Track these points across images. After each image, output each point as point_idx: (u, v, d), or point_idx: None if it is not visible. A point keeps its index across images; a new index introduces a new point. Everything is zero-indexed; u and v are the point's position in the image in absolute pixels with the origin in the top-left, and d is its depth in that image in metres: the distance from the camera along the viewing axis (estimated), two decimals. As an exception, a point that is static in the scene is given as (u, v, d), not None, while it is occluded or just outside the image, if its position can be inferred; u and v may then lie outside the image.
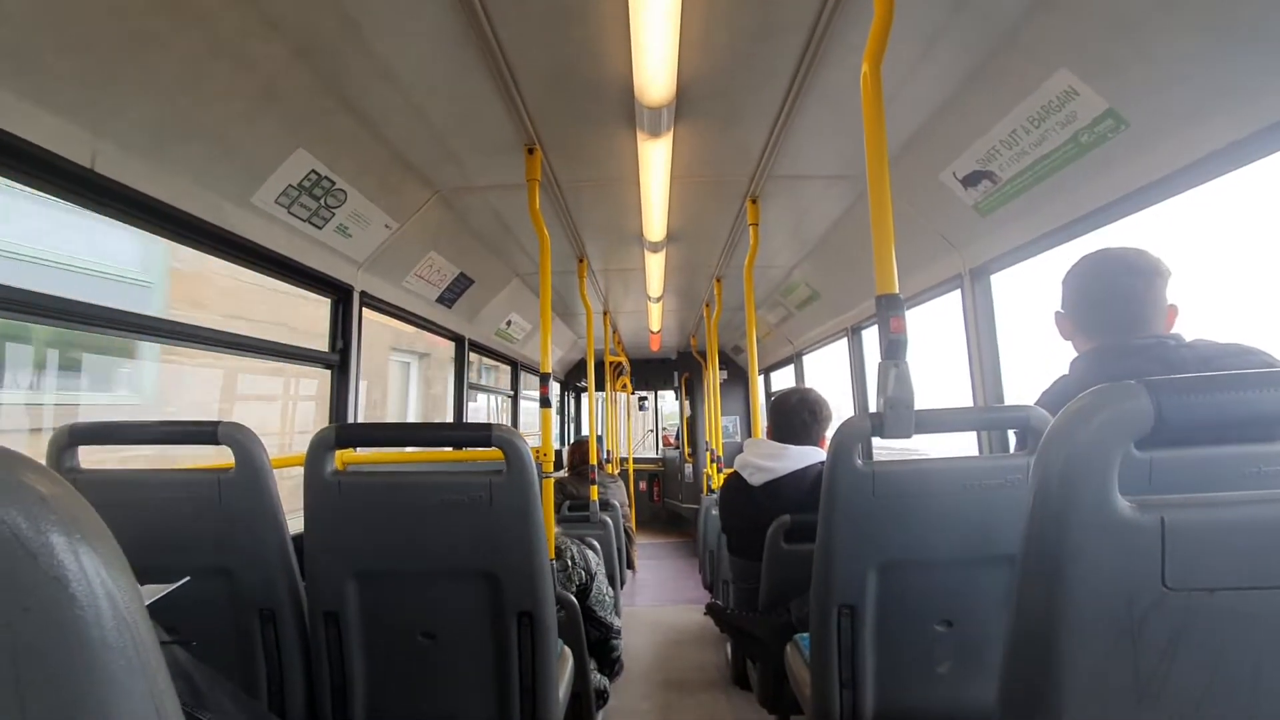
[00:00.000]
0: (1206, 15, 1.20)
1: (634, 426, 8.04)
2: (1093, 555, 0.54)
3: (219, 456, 1.42)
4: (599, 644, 2.26)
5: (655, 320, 5.47)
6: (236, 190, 1.79)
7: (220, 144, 1.64)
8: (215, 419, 1.29)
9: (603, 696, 2.26)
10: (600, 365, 6.10)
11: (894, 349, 1.18)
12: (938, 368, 2.68)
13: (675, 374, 7.91)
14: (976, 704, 1.21)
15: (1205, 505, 0.55)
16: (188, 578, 1.07)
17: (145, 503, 1.26)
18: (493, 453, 1.23)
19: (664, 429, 9.41)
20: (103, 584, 0.31)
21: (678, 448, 8.02)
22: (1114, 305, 1.21)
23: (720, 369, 5.50)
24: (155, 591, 1.01)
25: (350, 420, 2.46)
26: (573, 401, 8.25)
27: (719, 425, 4.80)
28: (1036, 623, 0.57)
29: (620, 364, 7.07)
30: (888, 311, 1.20)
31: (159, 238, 1.71)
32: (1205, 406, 0.53)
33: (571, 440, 6.32)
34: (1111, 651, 0.54)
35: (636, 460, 8.04)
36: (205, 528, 1.26)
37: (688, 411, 7.75)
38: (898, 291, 1.22)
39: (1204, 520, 0.54)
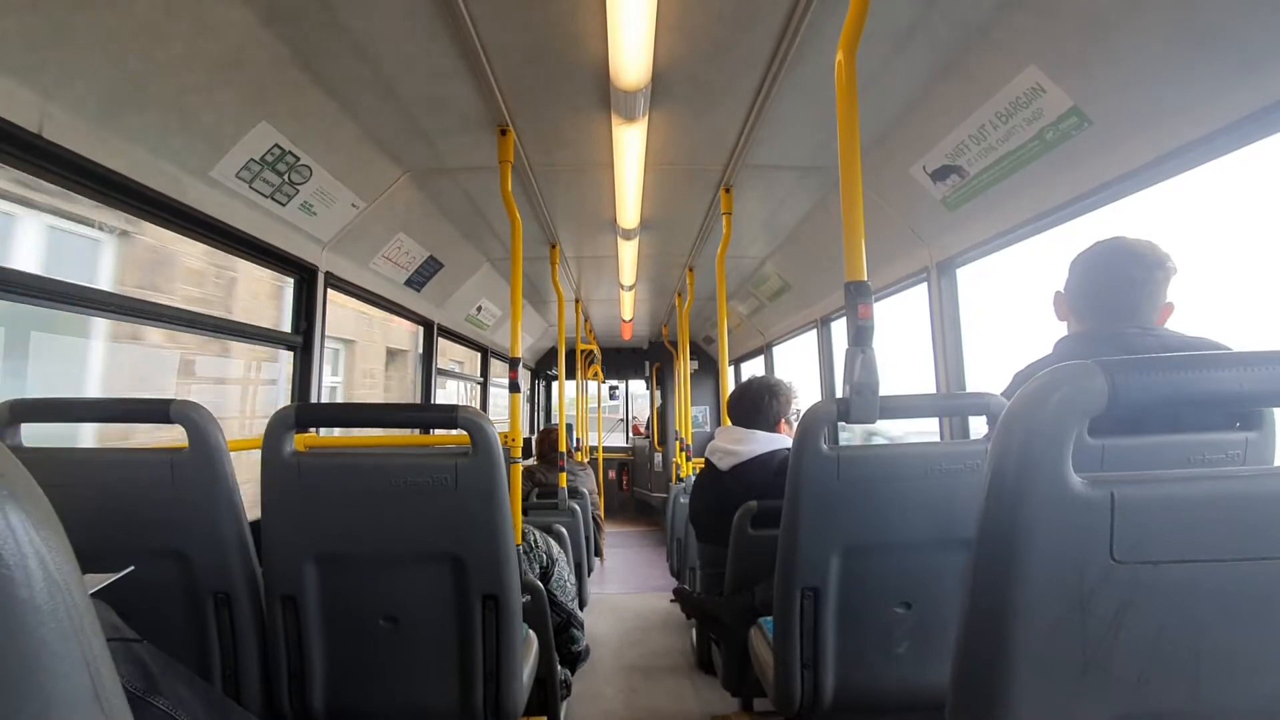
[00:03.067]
0: (1170, 19, 1.23)
1: (604, 415, 8.03)
2: (1046, 530, 0.56)
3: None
4: (559, 631, 2.26)
5: (627, 309, 5.46)
6: (195, 162, 1.72)
7: (178, 113, 1.57)
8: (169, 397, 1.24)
9: (564, 687, 2.26)
10: (571, 353, 6.07)
11: (861, 335, 1.20)
12: (910, 359, 2.73)
13: (646, 363, 7.91)
14: (932, 684, 1.24)
15: (1152, 482, 0.57)
16: (131, 568, 1.03)
17: (93, 483, 1.21)
18: (459, 437, 1.22)
19: (634, 418, 9.42)
20: (32, 544, 0.29)
21: (648, 437, 8.04)
22: (1108, 292, 1.23)
23: (691, 359, 5.53)
24: (96, 581, 0.97)
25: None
26: (543, 389, 8.21)
27: (689, 415, 4.83)
28: (991, 598, 0.59)
29: (591, 352, 7.04)
30: (856, 298, 1.21)
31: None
32: (1157, 386, 0.54)
33: (541, 428, 6.28)
34: (1061, 623, 0.56)
35: (606, 449, 8.04)
36: (157, 509, 1.21)
37: (658, 401, 7.77)
38: (866, 279, 1.24)
39: (1151, 496, 0.56)
